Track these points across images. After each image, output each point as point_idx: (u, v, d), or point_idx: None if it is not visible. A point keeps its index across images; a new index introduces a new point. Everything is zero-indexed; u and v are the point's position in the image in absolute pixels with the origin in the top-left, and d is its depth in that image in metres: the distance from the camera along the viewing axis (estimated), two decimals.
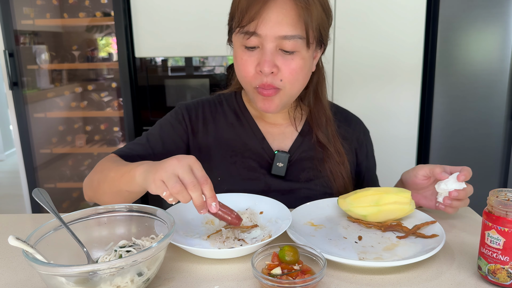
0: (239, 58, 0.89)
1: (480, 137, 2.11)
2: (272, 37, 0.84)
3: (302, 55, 0.87)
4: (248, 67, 0.88)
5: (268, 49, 0.85)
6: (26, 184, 2.39)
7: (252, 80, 0.89)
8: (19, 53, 2.25)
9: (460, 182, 0.83)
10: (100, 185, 0.86)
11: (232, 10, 0.89)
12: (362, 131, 1.10)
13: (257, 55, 0.87)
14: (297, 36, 0.84)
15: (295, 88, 0.91)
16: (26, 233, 0.73)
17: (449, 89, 2.08)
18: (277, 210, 0.84)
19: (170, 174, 0.67)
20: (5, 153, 4.77)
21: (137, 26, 2.14)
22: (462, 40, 2.02)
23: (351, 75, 2.13)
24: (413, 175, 0.91)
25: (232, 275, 0.68)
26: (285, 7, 0.83)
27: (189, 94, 2.26)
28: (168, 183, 0.66)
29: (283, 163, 0.97)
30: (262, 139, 1.00)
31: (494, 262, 0.63)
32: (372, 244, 0.77)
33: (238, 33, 0.87)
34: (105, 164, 0.90)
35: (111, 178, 0.83)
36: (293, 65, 0.86)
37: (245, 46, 0.87)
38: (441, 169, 0.86)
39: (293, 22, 0.83)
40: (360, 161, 1.07)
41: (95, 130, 2.58)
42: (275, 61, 0.85)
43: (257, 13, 0.83)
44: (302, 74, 0.89)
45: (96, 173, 0.90)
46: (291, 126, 1.03)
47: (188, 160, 0.69)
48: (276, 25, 0.83)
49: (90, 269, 0.55)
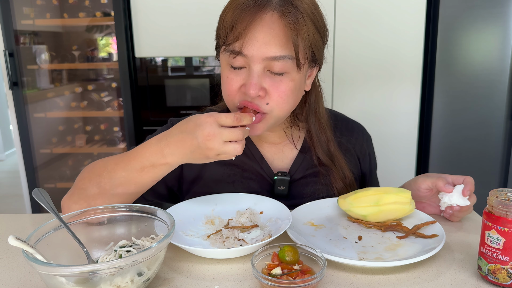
0: (225, 77, 0.83)
1: (480, 137, 2.11)
2: (260, 58, 0.77)
3: (292, 77, 0.80)
4: (233, 86, 0.82)
5: (255, 71, 0.78)
6: (26, 184, 2.39)
7: (236, 99, 0.83)
8: (19, 53, 2.25)
9: (465, 197, 0.83)
10: (105, 188, 0.79)
11: (218, 25, 0.83)
12: (365, 139, 1.06)
13: (244, 75, 0.80)
14: (286, 56, 0.77)
15: (283, 111, 0.84)
16: (26, 233, 0.73)
17: (449, 89, 2.08)
18: (277, 210, 0.84)
19: (219, 143, 0.70)
20: (5, 153, 4.77)
21: (137, 26, 2.14)
22: (462, 40, 2.02)
23: (351, 75, 2.13)
24: (416, 188, 0.90)
25: (232, 275, 0.68)
26: (273, 27, 0.76)
27: (189, 94, 2.26)
28: (226, 150, 0.71)
29: (284, 186, 0.94)
30: (260, 159, 0.96)
31: (494, 262, 0.63)
32: (372, 244, 0.77)
33: (224, 51, 0.81)
34: (96, 168, 0.82)
35: (124, 176, 0.77)
36: (283, 88, 0.80)
37: (231, 65, 0.81)
38: (444, 182, 0.85)
39: (281, 42, 0.77)
40: (364, 170, 1.05)
41: (95, 130, 2.58)
42: (262, 83, 0.79)
43: (242, 32, 0.76)
44: (292, 96, 0.82)
45: (90, 180, 0.80)
46: (290, 144, 0.98)
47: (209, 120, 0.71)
48: (264, 46, 0.76)
49: (90, 269, 0.55)
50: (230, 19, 0.78)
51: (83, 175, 0.84)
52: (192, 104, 2.26)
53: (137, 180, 0.77)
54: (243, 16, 0.76)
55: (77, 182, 0.83)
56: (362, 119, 1.12)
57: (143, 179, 0.77)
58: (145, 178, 0.77)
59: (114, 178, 0.78)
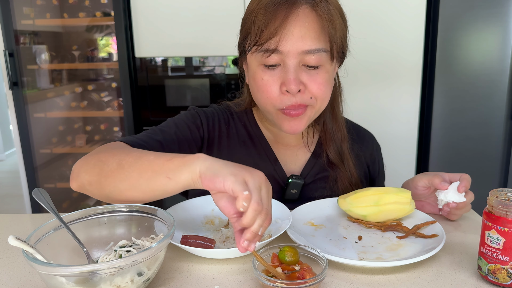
0: (259, 79, 0.82)
1: (480, 137, 2.11)
2: (295, 52, 0.78)
3: (326, 69, 0.81)
4: (271, 87, 0.81)
5: (291, 66, 0.79)
6: (26, 184, 2.39)
7: (277, 102, 0.82)
8: (19, 53, 2.25)
9: (460, 193, 0.83)
10: (123, 167, 0.70)
11: (246, 28, 0.82)
12: (375, 148, 1.07)
13: (279, 74, 0.80)
14: (321, 49, 0.78)
15: (324, 102, 0.85)
16: (26, 233, 0.73)
17: (449, 89, 2.08)
18: (277, 210, 0.84)
19: (257, 186, 0.60)
20: (5, 153, 4.77)
21: (137, 26, 2.14)
22: (462, 40, 2.02)
23: (351, 75, 2.13)
24: (413, 186, 0.90)
25: (232, 275, 0.68)
26: (307, 20, 0.77)
27: (189, 94, 2.26)
28: (253, 192, 0.59)
29: (297, 189, 0.93)
30: (275, 161, 0.95)
31: (494, 262, 0.63)
32: (372, 244, 0.77)
33: (256, 51, 0.80)
34: (126, 148, 0.76)
35: (150, 160, 0.69)
36: (319, 80, 0.81)
37: (265, 65, 0.80)
38: (440, 179, 0.85)
39: (316, 35, 0.78)
40: (373, 178, 1.06)
41: (95, 130, 2.58)
42: (299, 78, 0.79)
43: (277, 28, 0.77)
44: (329, 88, 0.84)
45: (114, 155, 0.73)
46: (304, 148, 0.98)
47: (269, 185, 0.63)
48: (299, 40, 0.77)
49: (90, 269, 0.55)
50: (262, 18, 0.78)
51: (108, 147, 0.78)
52: (192, 104, 2.27)
53: (156, 168, 0.68)
54: (278, 13, 0.77)
55: (98, 153, 0.76)
56: (362, 119, 1.12)
57: (164, 172, 0.67)
58: (164, 175, 0.67)
59: (138, 159, 0.70)
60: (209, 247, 0.72)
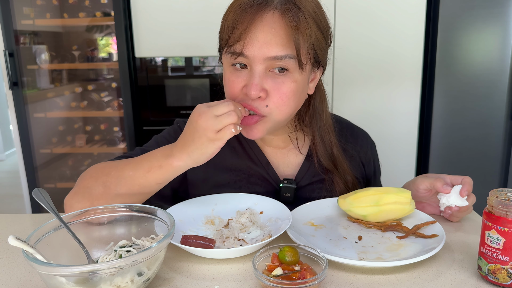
0: (227, 79, 0.82)
1: (480, 137, 2.11)
2: (261, 58, 0.76)
3: (294, 78, 0.79)
4: (234, 88, 0.80)
5: (256, 71, 0.77)
6: (26, 184, 2.39)
7: (237, 100, 0.81)
8: (19, 53, 2.25)
9: (463, 197, 0.83)
10: (110, 188, 0.78)
11: (220, 28, 0.82)
12: (369, 146, 1.05)
13: (246, 76, 0.79)
14: (288, 56, 0.76)
15: (283, 113, 0.81)
16: (26, 233, 0.73)
17: (449, 89, 2.08)
18: (277, 210, 0.84)
19: (213, 120, 0.70)
20: (5, 153, 4.76)
21: (137, 26, 2.14)
22: (462, 40, 2.02)
23: (351, 75, 2.13)
24: (415, 189, 0.90)
25: (232, 275, 0.68)
26: (274, 26, 0.75)
27: (189, 94, 2.26)
28: (222, 122, 0.70)
29: (290, 193, 0.93)
30: (267, 164, 0.95)
31: (494, 262, 0.63)
32: (372, 244, 0.77)
33: (226, 52, 0.80)
34: (105, 168, 0.81)
35: (130, 176, 0.77)
36: (284, 89, 0.78)
37: (234, 65, 0.80)
38: (442, 182, 0.85)
39: (282, 41, 0.75)
40: (368, 176, 1.05)
41: (95, 130, 2.58)
42: (263, 84, 0.78)
43: (243, 32, 0.76)
44: (293, 98, 0.80)
45: (97, 179, 0.79)
46: (295, 149, 0.97)
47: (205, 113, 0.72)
48: (264, 46, 0.75)
49: (90, 269, 0.55)
50: (231, 20, 0.77)
51: (89, 173, 0.82)
52: (192, 104, 2.26)
53: (141, 181, 0.77)
54: (244, 16, 0.76)
55: (82, 181, 0.81)
56: (362, 119, 1.12)
57: (147, 180, 0.76)
58: (150, 179, 0.76)
59: (121, 177, 0.77)
60: (209, 247, 0.72)
